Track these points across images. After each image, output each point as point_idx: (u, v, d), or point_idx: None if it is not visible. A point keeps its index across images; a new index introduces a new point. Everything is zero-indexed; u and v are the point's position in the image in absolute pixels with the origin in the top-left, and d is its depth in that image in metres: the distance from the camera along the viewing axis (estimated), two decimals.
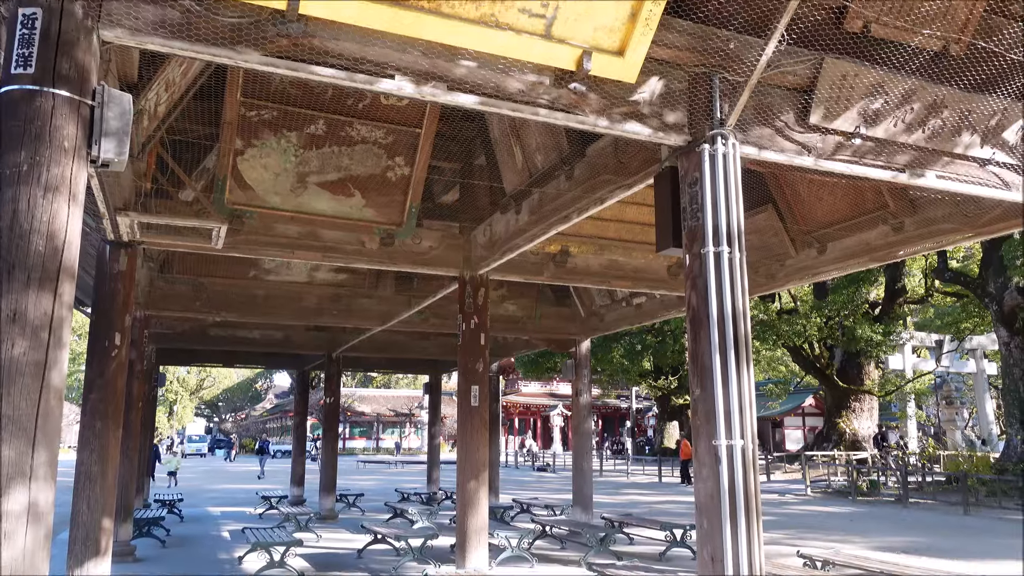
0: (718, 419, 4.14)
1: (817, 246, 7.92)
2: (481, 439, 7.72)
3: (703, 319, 4.31)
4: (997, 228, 6.41)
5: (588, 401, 12.51)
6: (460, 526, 7.54)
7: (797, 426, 40.51)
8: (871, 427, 29.73)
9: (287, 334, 14.69)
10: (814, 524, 15.09)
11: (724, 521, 4.02)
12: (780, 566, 7.15)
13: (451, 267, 8.04)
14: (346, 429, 60.63)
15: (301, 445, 17.81)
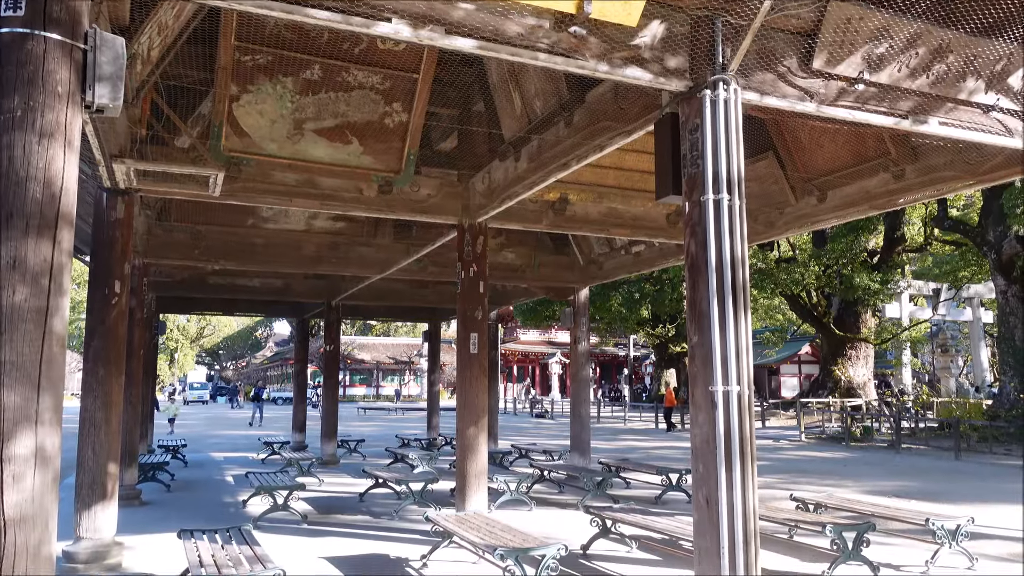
0: (715, 365, 4.18)
1: (817, 194, 7.89)
2: (480, 386, 7.80)
3: (702, 266, 4.32)
4: (998, 176, 6.38)
5: (586, 349, 12.60)
6: (460, 470, 7.68)
7: (793, 374, 40.93)
8: (866, 375, 30.05)
9: (286, 282, 14.72)
10: (808, 469, 15.36)
11: (719, 465, 4.09)
12: (774, 509, 7.31)
13: (450, 215, 8.01)
14: (346, 377, 61.22)
15: (302, 392, 18.00)
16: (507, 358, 60.33)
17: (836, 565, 5.99)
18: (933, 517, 6.42)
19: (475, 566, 6.42)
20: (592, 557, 6.80)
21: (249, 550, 5.13)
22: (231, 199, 7.33)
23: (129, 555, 6.76)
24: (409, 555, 6.77)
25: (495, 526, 6.00)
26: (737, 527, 4.04)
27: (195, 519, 8.10)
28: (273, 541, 7.33)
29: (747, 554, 4.04)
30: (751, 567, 4.04)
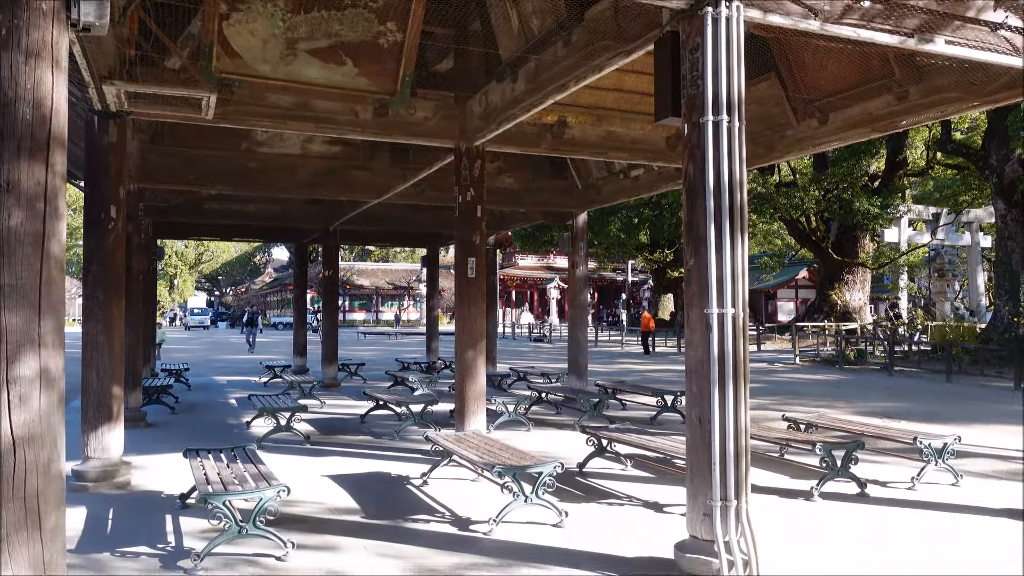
0: (710, 288, 4.21)
1: (819, 116, 7.77)
2: (478, 310, 7.87)
3: (699, 189, 4.30)
4: (1003, 97, 6.28)
5: (584, 273, 12.64)
6: (459, 392, 7.82)
7: (790, 298, 41.23)
8: (863, 299, 30.26)
9: (284, 208, 14.64)
10: (801, 391, 15.64)
11: (712, 385, 4.17)
12: (766, 428, 7.48)
13: (447, 138, 7.91)
14: (345, 302, 61.58)
15: (302, 317, 18.14)
16: (506, 283, 60.58)
17: (824, 482, 6.17)
18: (921, 436, 6.59)
19: (474, 484, 6.61)
20: (588, 475, 6.99)
21: (254, 468, 5.27)
22: (224, 122, 7.23)
23: (137, 474, 6.95)
24: (410, 473, 6.97)
25: (493, 445, 6.15)
26: (728, 444, 4.15)
27: (200, 440, 8.28)
28: (276, 460, 7.52)
29: (737, 469, 4.16)
30: (741, 482, 4.17)
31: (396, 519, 5.51)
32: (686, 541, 4.30)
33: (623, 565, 4.52)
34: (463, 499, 6.05)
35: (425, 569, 4.46)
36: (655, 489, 6.45)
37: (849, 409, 12.69)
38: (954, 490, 6.47)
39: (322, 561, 4.59)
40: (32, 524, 2.98)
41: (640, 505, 5.95)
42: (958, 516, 5.68)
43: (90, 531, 5.27)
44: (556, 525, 5.28)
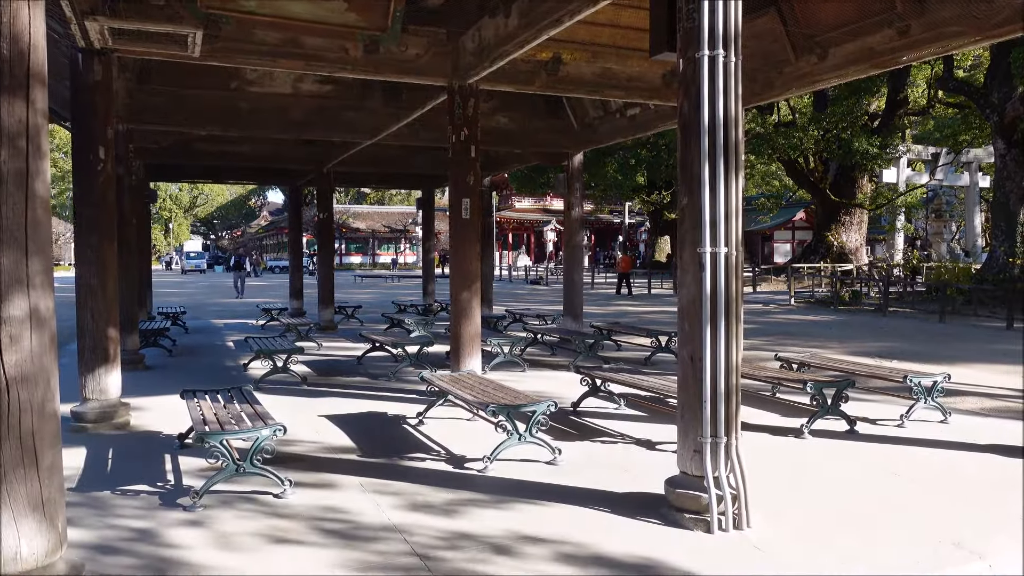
0: (704, 227, 4.19)
1: (818, 51, 7.61)
2: (472, 251, 7.84)
3: (694, 126, 4.24)
4: (1006, 31, 6.13)
5: (579, 215, 12.58)
6: (454, 334, 7.85)
7: (786, 239, 41.23)
8: (859, 240, 30.25)
9: (276, 149, 14.45)
10: (795, 331, 15.75)
11: (704, 324, 4.19)
12: (759, 367, 7.55)
13: (439, 76, 7.75)
14: (342, 245, 61.47)
15: (297, 260, 18.11)
16: (502, 226, 60.38)
17: (814, 419, 6.26)
18: (911, 374, 6.66)
19: (470, 423, 6.69)
20: (582, 414, 7.08)
21: (250, 408, 5.32)
22: (211, 60, 7.07)
23: (136, 415, 7.02)
24: (406, 413, 7.04)
25: (488, 385, 6.20)
26: (719, 382, 4.19)
27: (198, 382, 8.34)
28: (274, 401, 7.59)
29: (728, 407, 4.21)
30: (731, 419, 4.22)
31: (392, 457, 5.59)
32: (676, 477, 4.38)
33: (615, 500, 4.61)
34: (458, 438, 6.13)
35: (420, 505, 4.55)
36: (648, 427, 6.54)
37: (842, 349, 12.80)
38: (942, 427, 6.57)
39: (319, 498, 4.67)
40: (29, 463, 3.01)
41: (633, 443, 6.04)
42: (944, 452, 5.78)
43: (90, 470, 5.34)
44: (550, 463, 5.36)
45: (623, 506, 4.50)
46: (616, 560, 3.76)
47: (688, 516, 4.19)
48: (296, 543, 3.99)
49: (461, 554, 3.83)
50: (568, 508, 4.49)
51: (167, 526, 4.22)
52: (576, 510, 4.45)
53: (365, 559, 3.77)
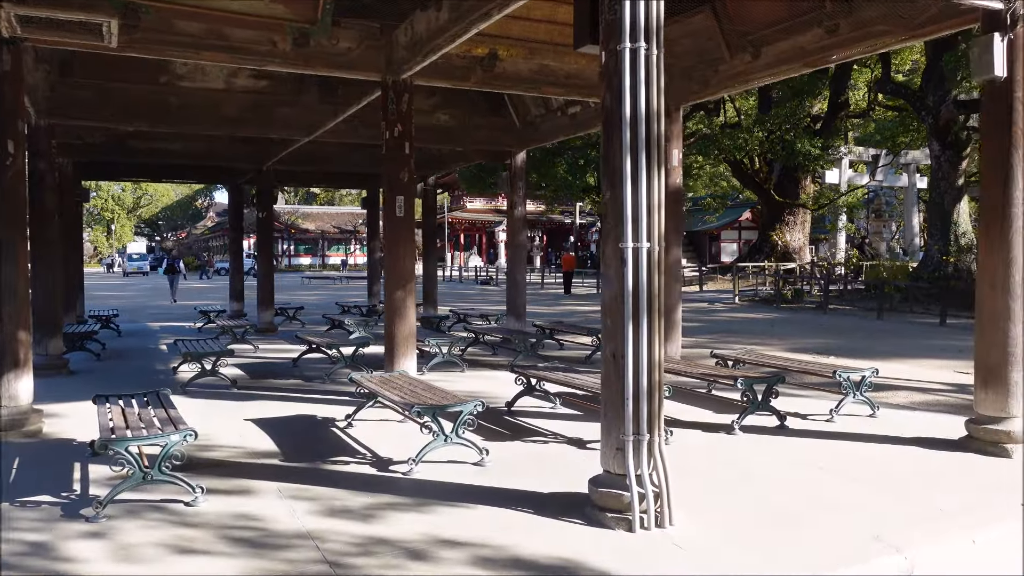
0: (626, 222, 4.12)
1: (751, 50, 7.66)
2: (407, 250, 7.69)
3: (616, 120, 4.17)
4: (930, 30, 6.25)
5: (522, 214, 12.50)
6: (388, 334, 7.68)
7: (733, 239, 41.85)
8: (802, 240, 30.83)
9: (211, 146, 14.02)
10: (738, 329, 15.94)
11: (626, 321, 4.12)
12: (694, 364, 7.55)
13: (372, 71, 7.58)
14: (291, 246, 60.59)
15: (238, 261, 17.67)
16: (454, 227, 60.17)
17: (745, 415, 6.27)
18: (840, 369, 6.71)
19: (401, 425, 6.54)
20: (516, 413, 6.99)
21: (164, 413, 5.09)
22: (131, 51, 6.79)
23: (50, 422, 6.70)
24: (336, 416, 6.86)
25: (418, 386, 6.06)
26: (642, 379, 4.12)
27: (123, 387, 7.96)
28: (200, 405, 7.34)
29: (651, 404, 4.14)
30: (654, 416, 4.16)
31: (315, 461, 5.41)
32: (600, 476, 4.30)
33: (539, 501, 4.51)
34: (387, 440, 5.98)
35: (338, 510, 4.39)
36: (580, 426, 6.48)
37: (782, 346, 12.96)
38: (871, 421, 6.64)
39: (232, 505, 4.48)
40: None
41: (564, 442, 5.96)
42: (870, 446, 5.82)
43: None
44: (477, 464, 5.25)
45: (547, 507, 4.40)
46: (534, 562, 3.66)
47: (610, 515, 4.11)
48: (201, 553, 3.79)
49: (374, 560, 3.69)
50: (491, 510, 4.38)
51: (65, 539, 3.99)
52: (499, 512, 4.34)
53: (272, 568, 3.61)
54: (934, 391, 8.77)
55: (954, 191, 21.30)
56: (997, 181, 5.53)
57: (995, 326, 5.57)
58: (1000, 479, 4.94)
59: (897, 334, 14.52)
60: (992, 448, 5.53)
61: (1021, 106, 5.46)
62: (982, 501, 4.50)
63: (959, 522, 4.17)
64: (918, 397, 8.44)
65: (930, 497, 4.58)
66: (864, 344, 13.09)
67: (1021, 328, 5.54)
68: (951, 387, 8.81)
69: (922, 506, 4.42)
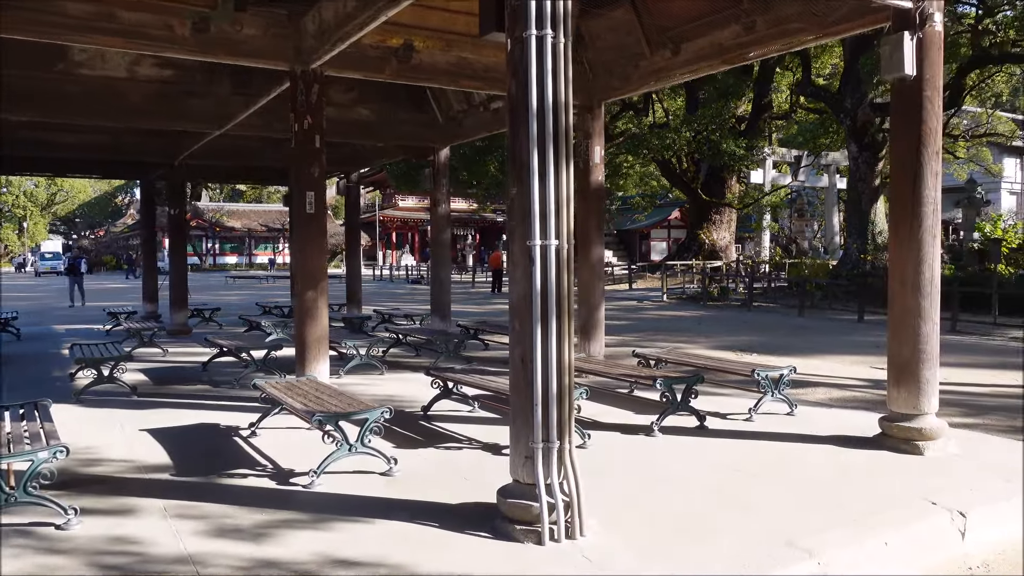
0: (533, 218, 3.91)
1: (671, 46, 7.59)
2: (317, 247, 7.34)
3: (521, 111, 3.95)
4: (844, 28, 6.26)
5: (446, 212, 12.22)
6: (298, 337, 7.31)
7: (663, 238, 42.44)
8: (729, 238, 31.44)
9: (120, 140, 13.27)
10: (665, 327, 16.03)
11: (535, 323, 3.92)
12: (614, 364, 7.44)
13: (280, 60, 7.20)
14: (216, 245, 58.77)
15: (151, 260, 16.87)
16: (386, 225, 59.39)
17: (664, 416, 6.16)
18: (758, 368, 6.68)
19: (309, 433, 6.17)
20: (432, 418, 6.73)
21: (38, 427, 4.65)
22: (9, 32, 6.24)
23: None
24: (241, 424, 6.47)
25: (325, 392, 5.74)
26: (551, 384, 3.93)
27: (11, 396, 7.43)
28: (92, 415, 6.85)
29: (560, 409, 3.95)
30: (564, 422, 3.97)
31: (210, 475, 5.05)
32: (509, 485, 4.09)
33: (447, 513, 4.28)
34: (291, 450, 5.64)
35: (227, 530, 4.05)
36: (497, 430, 6.25)
37: (707, 343, 13.06)
38: (788, 419, 6.63)
39: (109, 527, 4.09)
40: None
41: (480, 447, 5.74)
42: (787, 445, 5.78)
43: None
44: (385, 474, 4.98)
45: (455, 519, 4.17)
46: None
47: (520, 528, 3.91)
48: None
49: None
50: (394, 525, 4.12)
51: None
52: (402, 527, 4.09)
53: None
54: (851, 387, 8.90)
55: (871, 191, 21.98)
56: (907, 179, 5.55)
57: (906, 324, 5.60)
58: (912, 477, 4.94)
59: (818, 331, 14.82)
60: (905, 445, 5.55)
61: (930, 104, 5.49)
62: (894, 500, 4.47)
63: (872, 523, 4.11)
64: (836, 393, 8.53)
65: (844, 498, 4.52)
66: (786, 341, 13.30)
67: (932, 326, 5.58)
68: (867, 383, 8.96)
69: (836, 508, 4.36)
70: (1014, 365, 10.59)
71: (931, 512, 4.29)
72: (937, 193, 5.55)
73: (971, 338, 13.48)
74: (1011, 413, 7.62)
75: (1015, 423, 7.23)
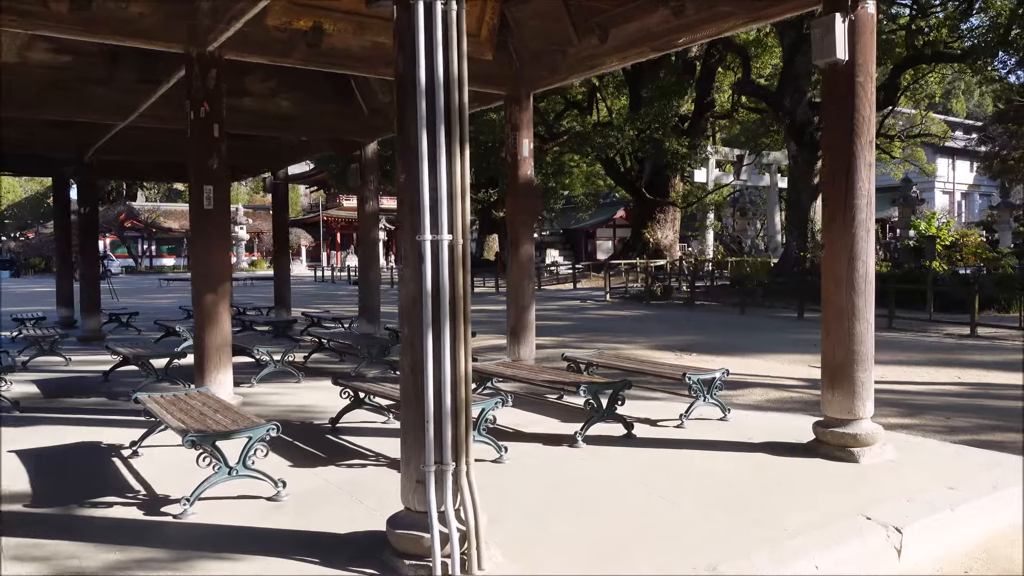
0: (422, 210, 3.44)
1: (599, 33, 7.19)
2: (219, 247, 6.74)
3: (409, 87, 3.48)
4: (774, 12, 5.96)
5: (374, 209, 11.65)
6: (197, 345, 6.70)
7: (609, 237, 42.35)
8: (673, 237, 31.44)
9: (25, 133, 12.34)
10: (605, 327, 15.73)
11: (426, 328, 3.44)
12: (539, 369, 7.00)
13: (173, 41, 6.58)
14: (152, 246, 56.98)
15: (65, 262, 15.88)
16: (331, 225, 58.27)
17: (589, 425, 5.74)
18: (689, 372, 6.31)
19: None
20: (341, 431, 6.20)
21: None
22: None
23: None
24: (126, 442, 5.83)
25: (212, 406, 5.17)
26: (445, 397, 3.45)
27: None
28: None
29: (456, 426, 3.48)
30: (461, 441, 3.50)
31: (71, 505, 4.43)
32: (399, 514, 3.60)
33: (332, 545, 3.77)
34: (172, 473, 5.03)
35: (65, 574, 3.48)
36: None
37: (647, 343, 12.77)
38: (721, 425, 6.28)
39: None
40: None
41: (386, 464, 5.22)
42: (718, 455, 5.40)
43: None
44: (272, 499, 4.44)
45: (340, 553, 3.66)
46: None
47: (408, 562, 3.42)
48: None
49: None
50: (268, 562, 3.59)
51: None
52: (278, 564, 3.56)
53: None
54: (789, 387, 8.66)
55: (811, 190, 22.08)
56: (840, 171, 5.24)
57: (840, 323, 5.28)
58: (846, 489, 4.61)
59: (758, 329, 14.69)
60: (839, 452, 5.23)
61: (863, 91, 5.18)
62: (827, 516, 4.12)
63: (803, 544, 3.74)
64: (773, 394, 8.27)
65: (774, 515, 4.15)
66: (726, 340, 13.10)
67: (866, 325, 5.28)
68: (805, 382, 8.73)
69: (765, 525, 3.99)
70: (949, 362, 10.53)
71: (866, 529, 3.95)
72: (871, 185, 5.25)
73: (907, 335, 13.48)
74: (947, 412, 7.45)
75: (951, 423, 7.05)
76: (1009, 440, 6.42)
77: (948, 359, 10.80)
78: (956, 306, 14.52)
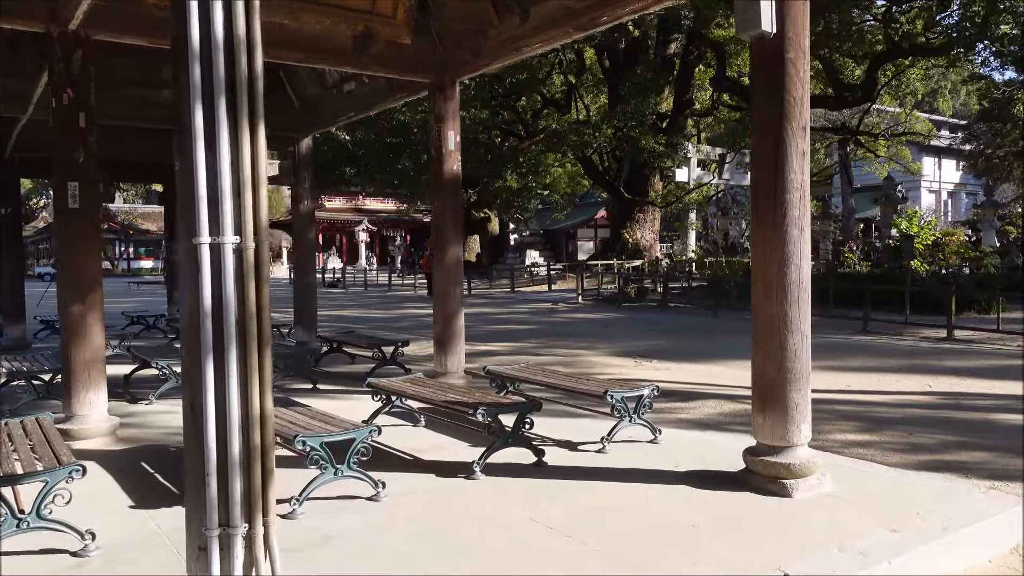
0: (199, 205, 2.71)
1: (520, 12, 6.48)
2: (86, 249, 5.99)
3: (183, 51, 2.75)
4: None
5: (309, 208, 10.90)
6: (64, 362, 5.95)
7: (590, 237, 41.69)
8: (652, 237, 30.77)
9: None
10: (568, 332, 15.01)
11: (205, 354, 2.72)
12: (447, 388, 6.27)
13: (33, 19, 5.84)
14: (130, 248, 56.09)
15: None
16: None
17: (490, 453, 5.00)
18: (611, 390, 5.57)
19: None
20: None
21: None
22: None
23: None
24: None
25: (37, 438, 4.41)
26: (233, 443, 2.73)
27: None
28: None
29: (250, 479, 2.76)
30: (257, 496, 2.78)
31: None
32: None
33: None
34: None
35: None
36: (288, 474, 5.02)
37: (607, 350, 12.09)
38: (649, 449, 5.56)
39: None
40: None
41: None
42: (635, 487, 4.67)
43: None
44: (76, 554, 3.70)
45: None
46: None
47: None
48: None
49: None
50: None
51: None
52: None
53: None
54: (744, 398, 7.94)
55: None
56: (769, 160, 4.53)
57: (771, 335, 4.57)
58: (769, 534, 3.90)
59: (728, 332, 14.01)
60: (771, 485, 4.52)
61: (794, 69, 4.48)
62: (748, 565, 3.41)
63: None
64: (727, 407, 7.62)
65: (689, 565, 3.45)
66: (692, 345, 12.42)
67: (801, 337, 4.57)
68: None
69: None
70: (921, 368, 9.87)
71: None
72: (804, 177, 4.54)
73: (882, 339, 12.83)
74: (911, 426, 6.78)
75: (914, 439, 6.38)
76: (975, 460, 5.76)
77: (920, 365, 10.14)
78: (935, 307, 13.85)
